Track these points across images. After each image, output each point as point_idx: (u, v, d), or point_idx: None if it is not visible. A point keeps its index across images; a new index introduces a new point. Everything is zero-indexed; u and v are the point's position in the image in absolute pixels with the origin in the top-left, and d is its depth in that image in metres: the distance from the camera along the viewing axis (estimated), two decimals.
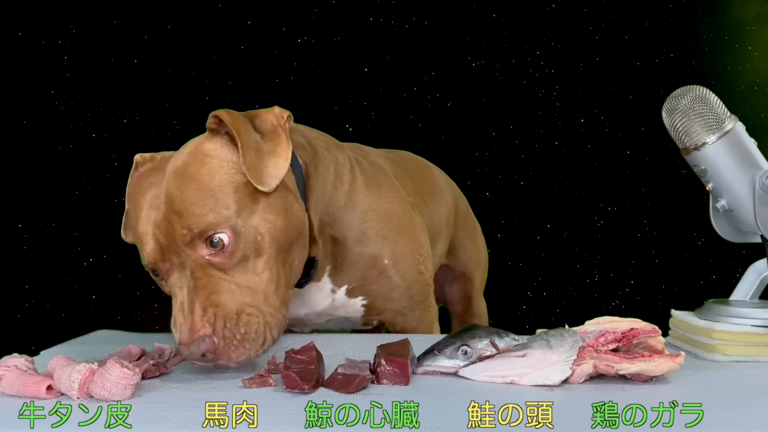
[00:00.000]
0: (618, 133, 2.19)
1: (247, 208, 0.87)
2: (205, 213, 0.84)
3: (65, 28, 2.01)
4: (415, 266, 1.18)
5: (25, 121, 2.00)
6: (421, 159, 1.60)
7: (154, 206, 0.88)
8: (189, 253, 0.85)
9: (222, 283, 0.84)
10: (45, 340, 1.06)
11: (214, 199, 0.85)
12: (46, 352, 0.96)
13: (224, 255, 0.85)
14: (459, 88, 2.17)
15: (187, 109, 2.04)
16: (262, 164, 0.88)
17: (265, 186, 0.88)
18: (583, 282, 2.20)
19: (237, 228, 0.85)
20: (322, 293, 1.13)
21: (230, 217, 0.85)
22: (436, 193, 1.51)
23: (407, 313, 1.19)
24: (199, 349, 0.80)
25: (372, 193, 1.15)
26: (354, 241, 1.11)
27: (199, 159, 0.88)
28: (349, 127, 2.10)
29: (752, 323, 0.92)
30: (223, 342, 0.81)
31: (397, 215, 1.17)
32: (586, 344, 0.80)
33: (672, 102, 0.97)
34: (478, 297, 1.65)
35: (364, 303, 1.16)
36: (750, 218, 0.96)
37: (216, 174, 0.87)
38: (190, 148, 0.91)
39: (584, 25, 2.18)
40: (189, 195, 0.85)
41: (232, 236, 0.85)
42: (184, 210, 0.85)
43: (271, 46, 2.10)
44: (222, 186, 0.86)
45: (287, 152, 0.91)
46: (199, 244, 0.85)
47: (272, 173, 0.89)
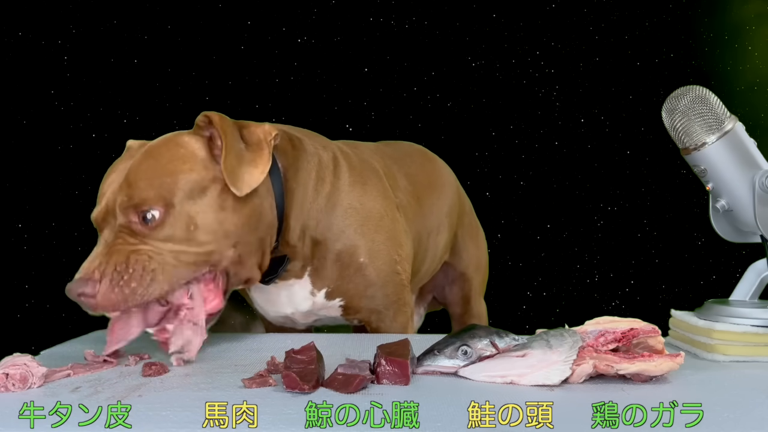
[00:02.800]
0: (618, 133, 2.19)
1: (191, 199, 0.93)
2: (149, 189, 0.91)
3: (65, 28, 2.01)
4: (391, 265, 1.19)
5: (25, 121, 2.00)
6: (425, 151, 1.60)
7: (119, 174, 0.95)
8: (122, 218, 0.91)
9: (132, 243, 0.90)
10: (45, 340, 1.06)
11: (162, 181, 0.92)
12: (46, 352, 0.96)
13: (149, 227, 0.90)
14: (459, 88, 2.17)
15: (187, 109, 2.04)
16: (239, 169, 0.95)
17: (237, 190, 0.94)
18: (583, 282, 2.20)
19: (170, 211, 0.91)
20: (303, 293, 1.15)
21: (168, 199, 0.92)
22: (437, 186, 1.51)
23: (382, 311, 1.20)
24: (77, 289, 0.87)
25: (356, 190, 1.17)
26: (333, 240, 1.13)
27: (170, 146, 0.96)
28: (349, 127, 2.10)
29: (752, 323, 0.92)
30: (107, 285, 0.86)
31: (379, 214, 1.19)
32: (586, 344, 0.80)
33: (672, 102, 0.97)
34: (478, 299, 1.65)
35: (341, 304, 1.18)
36: (750, 218, 0.96)
37: (177, 161, 0.94)
38: (169, 136, 0.99)
39: (584, 25, 2.18)
40: (144, 169, 0.93)
41: (162, 215, 0.91)
42: (134, 181, 0.92)
43: (271, 46, 2.10)
44: (176, 172, 0.93)
45: (265, 166, 0.97)
46: (132, 213, 0.91)
47: (247, 180, 0.95)
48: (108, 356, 0.89)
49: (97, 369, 0.85)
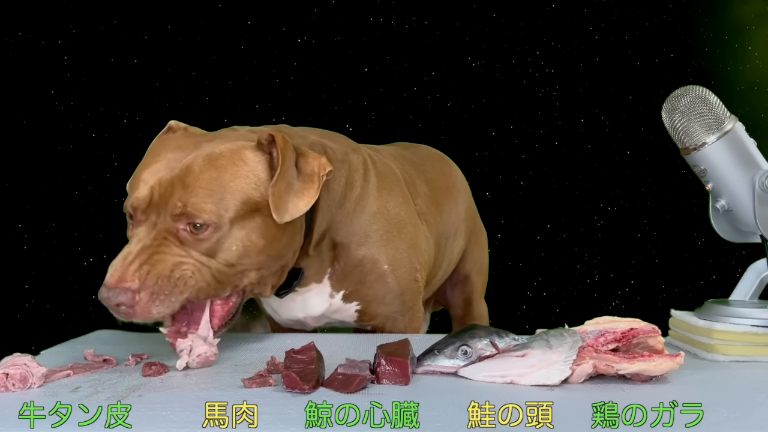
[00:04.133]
0: (618, 133, 2.19)
1: (243, 220, 0.91)
2: (206, 202, 0.88)
3: (65, 28, 2.01)
4: (411, 273, 1.19)
5: (25, 121, 2.00)
6: (441, 155, 1.59)
7: (168, 165, 0.91)
8: (168, 220, 0.89)
9: (173, 249, 0.88)
10: (45, 340, 1.06)
11: (222, 197, 0.89)
12: (46, 352, 0.96)
13: (194, 236, 0.88)
14: (459, 88, 2.17)
15: (187, 109, 2.04)
16: (286, 197, 0.93)
17: (278, 217, 0.92)
18: (583, 282, 2.20)
19: (221, 227, 0.89)
20: (321, 297, 1.14)
21: (223, 217, 0.89)
22: (454, 191, 1.51)
23: (398, 318, 1.20)
24: (117, 298, 0.83)
25: (383, 196, 1.17)
26: (357, 244, 1.12)
27: (234, 158, 0.93)
28: (349, 127, 2.10)
29: (752, 323, 0.92)
30: (148, 297, 0.84)
31: (403, 221, 1.19)
32: (586, 344, 0.80)
33: (672, 102, 0.97)
34: (479, 301, 1.65)
35: (357, 308, 1.17)
36: (750, 218, 0.96)
37: (238, 179, 0.91)
38: (232, 146, 0.94)
39: (584, 25, 2.18)
40: (204, 178, 0.90)
41: (212, 230, 0.89)
42: (192, 187, 0.89)
43: (271, 46, 2.10)
44: (235, 192, 0.91)
45: (312, 199, 0.95)
46: (182, 220, 0.88)
47: (290, 210, 0.93)
48: (106, 358, 0.88)
49: (97, 369, 0.85)
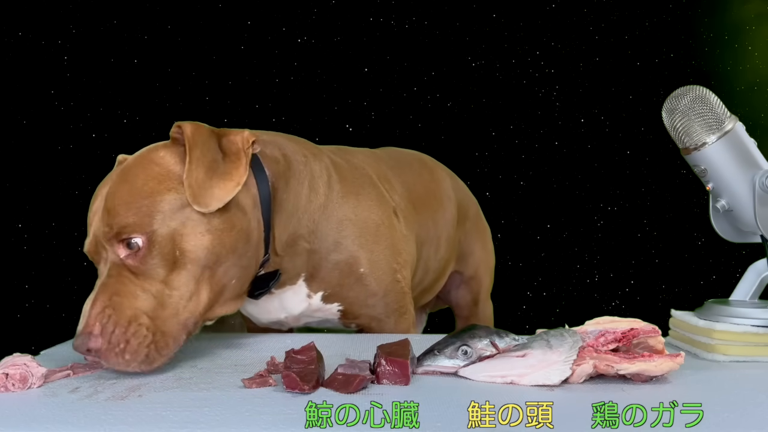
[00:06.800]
0: (618, 133, 2.19)
1: (173, 221, 0.87)
2: (128, 215, 0.86)
3: (65, 28, 2.01)
4: (391, 274, 1.18)
5: (25, 121, 2.00)
6: (424, 161, 1.56)
7: (100, 202, 0.90)
8: (109, 250, 0.87)
9: (129, 286, 0.84)
10: (45, 340, 1.06)
11: (139, 204, 0.86)
12: (46, 352, 0.96)
13: (137, 258, 0.85)
14: (459, 88, 2.17)
15: (187, 109, 2.04)
16: (208, 184, 0.88)
17: (203, 206, 0.87)
18: (583, 282, 2.20)
19: (153, 236, 0.85)
20: (298, 297, 1.13)
21: (149, 225, 0.86)
22: (434, 198, 1.48)
23: (383, 319, 1.19)
24: (84, 344, 0.81)
25: (349, 202, 1.15)
26: (329, 250, 1.11)
27: (144, 164, 0.90)
28: (349, 127, 2.10)
29: (752, 323, 0.92)
30: (107, 345, 0.81)
31: (375, 223, 1.17)
32: (586, 344, 0.80)
33: (672, 102, 0.97)
34: (486, 301, 1.64)
35: (340, 308, 1.17)
36: (750, 218, 0.95)
37: (152, 181, 0.88)
38: (143, 152, 0.93)
39: (584, 25, 2.18)
40: (121, 195, 0.87)
41: (146, 242, 0.85)
42: (113, 208, 0.87)
43: (271, 46, 2.10)
44: (153, 194, 0.87)
45: (241, 177, 0.90)
46: (116, 244, 0.86)
47: (217, 195, 0.88)
48: None
49: (97, 369, 0.85)
